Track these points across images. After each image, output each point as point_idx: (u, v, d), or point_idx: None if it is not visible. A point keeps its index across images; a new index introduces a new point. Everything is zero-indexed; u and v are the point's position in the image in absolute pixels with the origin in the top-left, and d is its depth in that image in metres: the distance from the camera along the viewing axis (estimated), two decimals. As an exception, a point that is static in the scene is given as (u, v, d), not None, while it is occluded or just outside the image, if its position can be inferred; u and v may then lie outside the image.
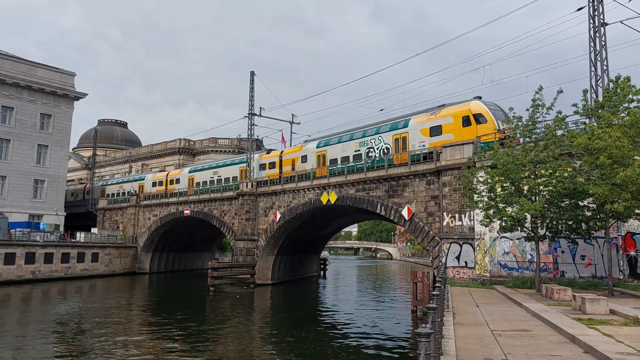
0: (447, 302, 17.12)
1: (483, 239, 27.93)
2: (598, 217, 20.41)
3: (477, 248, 28.14)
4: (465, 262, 28.27)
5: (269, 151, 53.77)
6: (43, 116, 60.16)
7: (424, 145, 34.20)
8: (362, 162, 38.40)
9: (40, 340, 22.34)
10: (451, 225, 29.49)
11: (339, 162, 41.20)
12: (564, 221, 21.35)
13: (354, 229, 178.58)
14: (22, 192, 57.73)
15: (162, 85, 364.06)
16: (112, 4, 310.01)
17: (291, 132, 57.31)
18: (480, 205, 23.57)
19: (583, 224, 21.04)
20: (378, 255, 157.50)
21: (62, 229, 57.57)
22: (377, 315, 32.37)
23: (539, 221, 21.79)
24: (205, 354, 20.15)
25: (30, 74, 59.06)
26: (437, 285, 13.28)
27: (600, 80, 25.22)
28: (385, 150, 37.32)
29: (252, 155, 52.39)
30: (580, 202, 20.78)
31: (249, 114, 54.15)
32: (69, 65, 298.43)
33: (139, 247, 62.82)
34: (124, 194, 70.11)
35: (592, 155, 18.66)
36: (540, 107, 22.59)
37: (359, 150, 39.80)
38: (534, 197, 21.70)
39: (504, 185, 22.47)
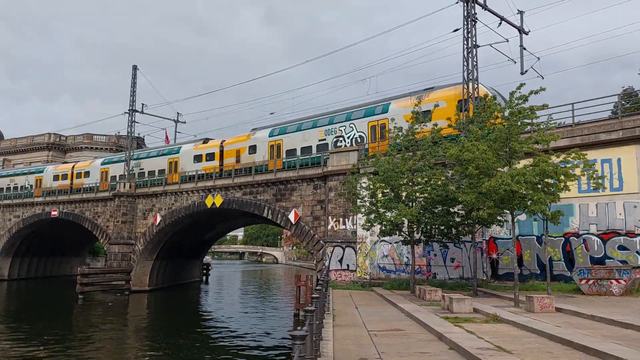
0: (328, 305, 17.36)
1: (364, 242, 28.93)
2: (466, 222, 22.10)
3: (359, 251, 29.07)
4: (348, 265, 29.05)
5: (205, 140, 46.29)
6: None
7: None
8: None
9: None
10: (335, 229, 30.17)
11: (298, 152, 36.30)
12: (437, 226, 22.82)
13: (240, 232, 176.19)
14: None
15: (31, 73, 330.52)
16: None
17: (176, 131, 55.04)
18: (363, 210, 24.42)
19: (453, 229, 22.64)
20: (264, 259, 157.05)
21: None
22: (259, 319, 32.06)
23: (415, 226, 23.06)
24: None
25: None
26: (317, 288, 13.35)
27: (472, 97, 27.44)
28: (359, 139, 33.02)
29: (128, 152, 49.29)
30: (451, 209, 22.34)
31: (129, 110, 51.02)
32: None
33: (-5, 252, 56.07)
34: (15, 188, 60.01)
35: (462, 166, 20.13)
36: (419, 119, 24.04)
37: (324, 140, 35.01)
38: (411, 204, 22.93)
39: (385, 191, 23.49)
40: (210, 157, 43.50)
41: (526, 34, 32.84)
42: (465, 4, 28.35)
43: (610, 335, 10.86)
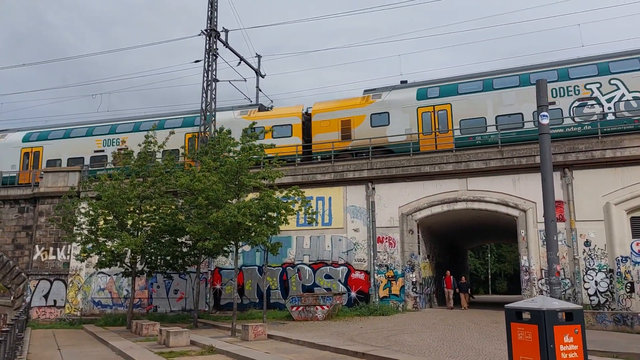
0: (20, 348, 14.57)
1: (78, 274, 25.77)
2: (192, 253, 21.81)
3: (71, 285, 25.71)
4: (55, 301, 25.31)
5: None
6: None
7: None
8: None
9: None
10: (43, 259, 26.11)
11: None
12: (162, 256, 21.88)
13: None
14: None
15: None
16: None
17: None
18: (79, 238, 21.78)
19: (180, 260, 22.06)
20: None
21: None
22: None
23: (138, 256, 21.64)
24: None
25: None
26: (4, 330, 10.97)
27: (208, 128, 27.83)
28: None
29: None
30: (178, 239, 21.78)
31: None
32: None
33: None
34: None
35: (192, 196, 19.93)
36: (152, 145, 22.97)
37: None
38: (136, 232, 21.50)
39: (108, 218, 21.52)
40: None
41: (262, 76, 35.49)
42: (208, 39, 29.00)
43: (311, 357, 11.84)
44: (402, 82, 27.56)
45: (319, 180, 24.53)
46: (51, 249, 26.19)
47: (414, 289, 22.31)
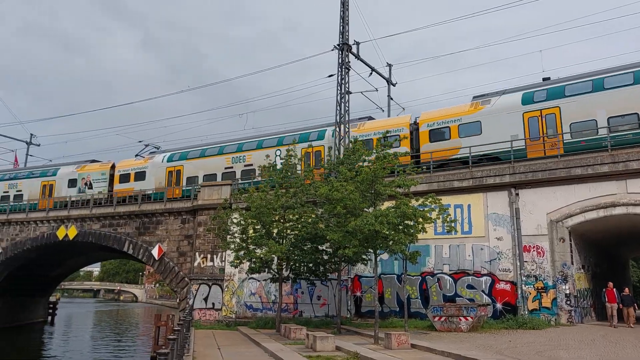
0: (188, 346, 16.35)
1: (232, 280, 28.14)
2: (333, 260, 22.60)
3: (226, 289, 28.16)
4: (213, 304, 27.92)
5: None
6: None
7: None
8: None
9: None
10: (202, 265, 28.98)
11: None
12: (305, 263, 23.01)
13: (96, 268, 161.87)
14: None
15: None
16: None
17: (27, 154, 49.52)
18: (232, 246, 23.82)
19: (321, 267, 23.00)
20: (122, 297, 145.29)
21: None
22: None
23: (284, 263, 23.01)
24: None
25: None
26: (176, 329, 12.50)
27: (343, 140, 28.70)
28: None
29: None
30: (319, 246, 22.74)
31: (-28, 126, 45.08)
32: None
33: None
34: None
35: (331, 205, 20.71)
36: (292, 158, 24.40)
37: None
38: (281, 240, 22.91)
39: (256, 227, 23.24)
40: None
41: (394, 85, 35.63)
42: (340, 52, 29.96)
43: (458, 369, 11.58)
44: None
45: (456, 187, 23.89)
46: (209, 256, 28.98)
47: (568, 302, 20.58)
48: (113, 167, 39.42)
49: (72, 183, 39.85)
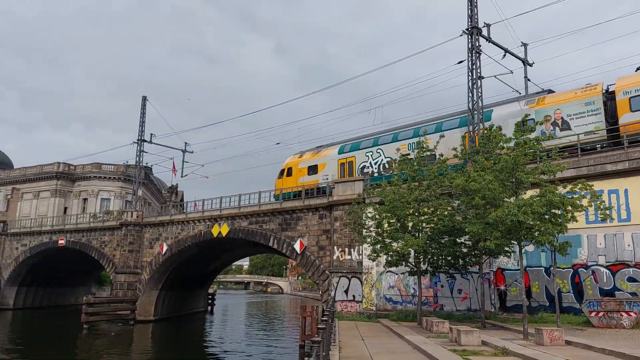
0: (333, 336, 17.16)
1: (370, 273, 28.72)
2: (473, 253, 21.96)
3: (365, 282, 28.84)
4: (353, 296, 28.78)
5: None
6: None
7: None
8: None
9: None
10: (341, 259, 30.01)
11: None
12: (443, 257, 22.66)
13: (245, 262, 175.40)
14: None
15: (43, 103, 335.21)
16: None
17: (183, 161, 55.26)
18: (368, 240, 24.34)
19: (460, 260, 22.47)
20: (269, 289, 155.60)
21: None
22: (265, 350, 31.63)
23: (421, 256, 22.92)
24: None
25: None
26: (323, 319, 13.25)
27: (477, 127, 27.63)
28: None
29: (136, 183, 49.65)
30: (457, 239, 22.23)
31: (138, 140, 51.80)
32: None
33: (2, 281, 55.99)
34: None
35: (468, 196, 20.14)
36: (424, 150, 24.16)
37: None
38: (417, 234, 22.85)
39: (391, 221, 23.46)
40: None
41: (530, 65, 33.34)
42: (470, 37, 28.86)
43: (621, 369, 10.66)
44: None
45: (609, 171, 21.70)
46: (346, 249, 29.93)
47: None
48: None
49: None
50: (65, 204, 75.82)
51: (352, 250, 29.75)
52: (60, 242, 52.76)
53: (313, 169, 37.10)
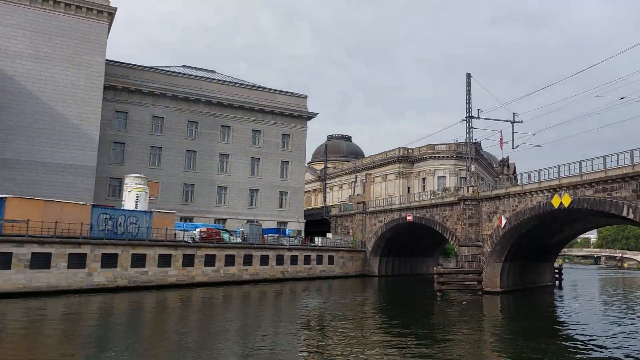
0: None
1: None
2: None
3: None
4: None
5: None
6: (284, 136, 69.87)
7: None
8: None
9: (291, 332, 26.19)
10: None
11: None
12: None
13: (592, 235, 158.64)
14: (270, 202, 67.77)
15: (381, 98, 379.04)
16: (336, 25, 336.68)
17: (513, 132, 54.18)
18: None
19: None
20: (625, 264, 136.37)
21: (303, 234, 65.31)
22: (628, 332, 28.62)
23: None
24: (438, 357, 20.90)
25: (272, 100, 69.26)
26: None
27: None
28: None
29: (468, 159, 51.38)
30: None
31: (466, 117, 53.57)
32: (301, 89, 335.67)
33: (367, 251, 67.10)
34: None
35: None
36: None
37: None
38: None
39: None
40: None
41: None
42: None
43: None
44: None
45: None
46: None
47: None
48: None
49: None
50: (408, 184, 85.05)
51: None
52: (408, 217, 59.59)
53: None
